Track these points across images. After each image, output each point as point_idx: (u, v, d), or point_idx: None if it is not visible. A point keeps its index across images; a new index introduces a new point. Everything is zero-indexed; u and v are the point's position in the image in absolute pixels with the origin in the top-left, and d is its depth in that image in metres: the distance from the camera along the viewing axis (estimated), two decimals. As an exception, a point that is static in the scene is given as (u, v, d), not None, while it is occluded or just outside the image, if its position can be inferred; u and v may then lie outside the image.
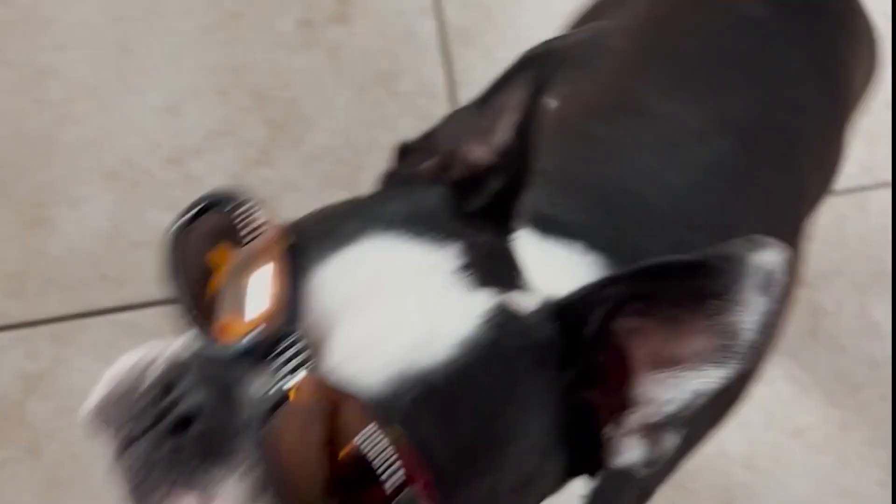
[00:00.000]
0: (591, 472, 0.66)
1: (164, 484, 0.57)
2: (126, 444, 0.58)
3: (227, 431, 0.56)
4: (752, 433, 1.53)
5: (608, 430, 0.64)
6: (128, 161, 1.66)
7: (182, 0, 1.74)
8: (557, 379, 0.62)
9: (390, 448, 0.54)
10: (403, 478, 0.54)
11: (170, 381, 0.58)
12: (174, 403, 0.57)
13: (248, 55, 1.71)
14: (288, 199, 1.58)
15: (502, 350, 0.60)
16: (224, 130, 1.67)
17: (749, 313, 0.57)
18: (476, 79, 1.69)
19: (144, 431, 0.57)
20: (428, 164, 0.72)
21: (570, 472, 0.65)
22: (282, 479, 0.56)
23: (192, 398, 0.57)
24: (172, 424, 0.57)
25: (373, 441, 0.54)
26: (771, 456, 1.53)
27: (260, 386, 0.57)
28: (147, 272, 1.60)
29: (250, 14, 1.73)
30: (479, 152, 0.71)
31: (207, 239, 0.63)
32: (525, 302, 0.64)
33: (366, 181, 0.78)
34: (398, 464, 0.54)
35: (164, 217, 0.61)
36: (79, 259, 1.61)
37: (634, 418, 0.63)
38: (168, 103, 1.69)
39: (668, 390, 0.61)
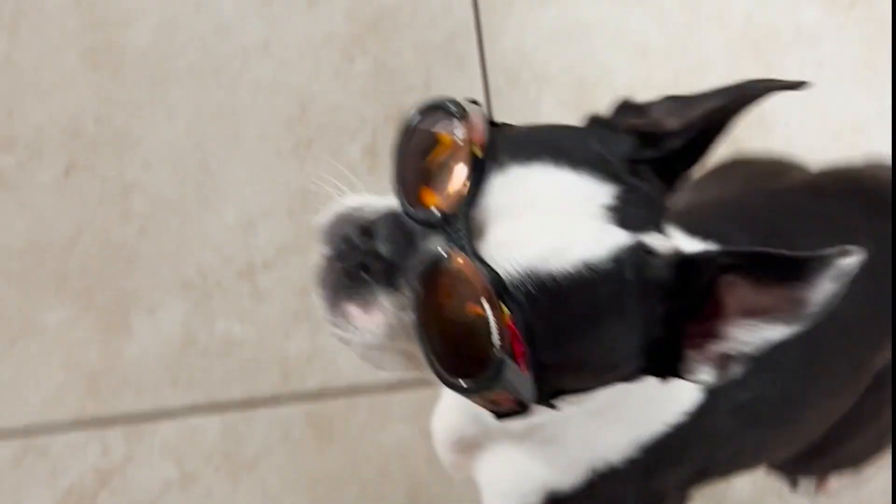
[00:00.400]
0: (663, 377, 0.83)
1: (345, 296, 0.80)
2: (331, 262, 0.81)
3: (398, 270, 0.78)
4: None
5: (690, 353, 0.80)
6: (202, 273, 1.75)
7: (259, 126, 1.83)
8: (660, 308, 0.78)
9: (500, 319, 0.73)
10: (500, 342, 0.73)
11: (374, 225, 0.79)
12: (371, 241, 0.78)
13: (317, 178, 1.81)
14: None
15: (616, 278, 0.76)
16: (292, 248, 1.76)
17: (819, 293, 0.72)
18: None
19: (345, 256, 0.80)
20: (632, 121, 0.88)
21: (645, 372, 0.82)
22: (423, 310, 0.76)
23: (383, 243, 0.78)
24: (365, 256, 0.79)
25: (491, 309, 0.73)
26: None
27: (431, 245, 0.77)
28: (215, 378, 1.71)
29: (322, 140, 1.82)
30: (672, 124, 0.87)
31: (426, 132, 0.81)
32: (658, 244, 0.80)
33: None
34: (501, 331, 0.73)
35: (232, 327, 0.75)
36: (153, 363, 1.71)
37: (714, 348, 0.79)
38: (242, 221, 1.78)
39: (745, 334, 0.77)
